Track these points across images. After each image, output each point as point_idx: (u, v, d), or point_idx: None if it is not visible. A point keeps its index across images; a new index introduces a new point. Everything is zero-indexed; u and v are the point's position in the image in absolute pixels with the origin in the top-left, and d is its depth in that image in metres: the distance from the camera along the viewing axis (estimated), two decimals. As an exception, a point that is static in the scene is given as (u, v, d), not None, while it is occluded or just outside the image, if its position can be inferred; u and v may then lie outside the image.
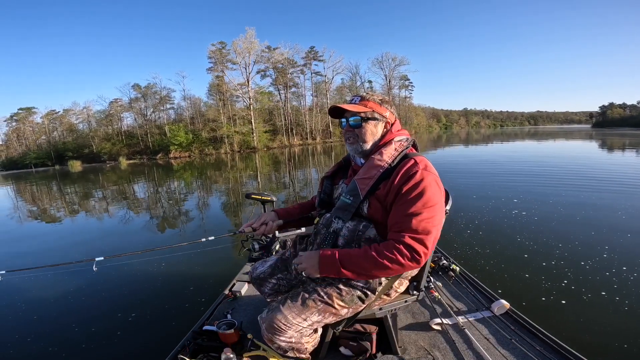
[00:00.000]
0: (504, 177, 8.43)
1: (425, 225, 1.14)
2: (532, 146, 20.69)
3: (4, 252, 5.34)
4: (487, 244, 3.76)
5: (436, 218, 1.17)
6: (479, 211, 5.11)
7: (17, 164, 54.89)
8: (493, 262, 3.33)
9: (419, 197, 1.16)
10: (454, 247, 3.71)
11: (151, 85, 50.93)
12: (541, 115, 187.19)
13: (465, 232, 4.24)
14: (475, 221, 4.63)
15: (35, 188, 17.48)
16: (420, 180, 1.18)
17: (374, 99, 1.35)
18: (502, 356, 1.59)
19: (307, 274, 1.27)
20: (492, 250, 3.61)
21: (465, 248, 3.70)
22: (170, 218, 7.08)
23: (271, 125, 48.43)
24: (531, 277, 2.97)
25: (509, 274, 3.05)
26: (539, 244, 3.71)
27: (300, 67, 52.44)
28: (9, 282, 3.74)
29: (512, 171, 9.51)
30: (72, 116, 56.82)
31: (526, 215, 4.78)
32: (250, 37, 44.21)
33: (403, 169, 1.22)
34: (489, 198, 5.98)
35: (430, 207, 1.16)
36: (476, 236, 4.06)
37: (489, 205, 5.48)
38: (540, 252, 3.49)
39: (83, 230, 6.59)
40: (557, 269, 3.10)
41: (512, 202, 5.61)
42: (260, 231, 1.51)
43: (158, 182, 15.35)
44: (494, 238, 3.98)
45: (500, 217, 4.78)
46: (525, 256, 3.41)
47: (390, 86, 59.40)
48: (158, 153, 45.32)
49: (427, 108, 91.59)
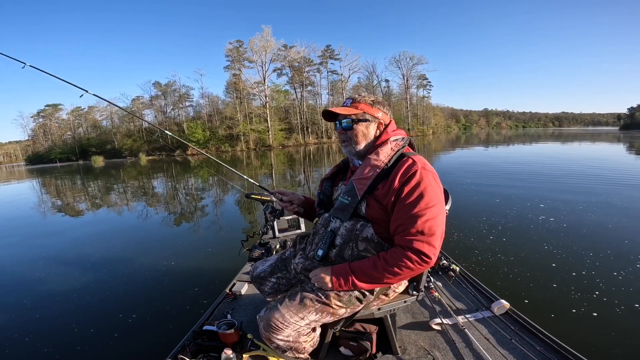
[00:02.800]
0: (528, 181, 8.08)
1: (431, 226, 1.15)
2: (557, 148, 19.85)
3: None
4: (510, 252, 3.56)
5: (440, 217, 1.18)
6: (503, 216, 4.89)
7: (43, 158, 57.47)
8: (517, 270, 3.14)
9: (421, 197, 1.17)
10: (474, 254, 3.54)
11: (171, 83, 52.23)
12: (566, 117, 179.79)
13: (487, 237, 4.03)
14: (499, 226, 4.41)
15: (60, 182, 18.17)
16: (420, 180, 1.19)
17: (365, 101, 1.37)
18: (502, 356, 1.58)
19: (321, 287, 1.29)
20: (515, 258, 3.41)
21: (486, 255, 3.52)
22: (186, 213, 7.15)
23: (287, 124, 48.67)
24: (559, 287, 2.81)
25: (535, 284, 2.87)
26: (568, 252, 3.49)
27: (316, 66, 52.46)
28: (10, 282, 3.82)
29: (536, 174, 9.11)
30: (97, 113, 58.99)
31: (554, 221, 4.51)
32: (266, 35, 44.55)
33: (402, 169, 1.22)
34: (514, 202, 5.71)
35: (432, 207, 1.17)
36: (499, 242, 3.86)
37: (514, 210, 5.23)
38: (569, 261, 3.30)
39: (103, 223, 6.76)
40: (587, 279, 2.92)
41: (539, 207, 5.33)
42: (285, 205, 1.60)
43: (176, 178, 15.66)
44: (520, 245, 3.76)
45: (527, 223, 4.53)
46: (553, 265, 3.21)
47: (407, 85, 58.48)
48: (176, 150, 46.34)
49: (446, 108, 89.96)
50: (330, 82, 54.02)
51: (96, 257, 4.46)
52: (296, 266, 1.50)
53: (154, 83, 52.25)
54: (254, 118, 46.22)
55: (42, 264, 4.31)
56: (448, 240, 3.95)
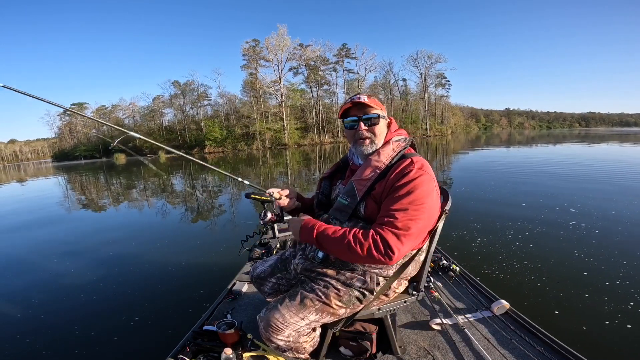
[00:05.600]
0: (556, 184, 7.71)
1: (407, 223, 1.12)
2: (584, 150, 18.95)
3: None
4: (538, 259, 3.36)
5: (421, 217, 1.15)
6: (530, 221, 4.64)
7: (68, 155, 59.94)
8: (546, 277, 2.96)
9: (408, 194, 1.15)
10: (498, 260, 3.37)
11: (189, 82, 53.34)
12: (593, 117, 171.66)
13: (513, 243, 3.84)
14: (526, 232, 4.19)
15: (85, 179, 18.86)
16: (412, 178, 1.17)
17: (377, 98, 1.34)
18: (502, 356, 1.58)
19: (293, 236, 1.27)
20: (543, 266, 3.21)
21: (511, 261, 3.34)
22: (187, 213, 7.22)
23: (302, 123, 48.81)
24: (592, 297, 2.63)
25: (567, 295, 2.68)
26: (600, 260, 3.27)
27: (332, 65, 52.37)
28: (14, 280, 3.88)
29: (564, 177, 8.67)
30: (120, 111, 60.97)
31: (585, 227, 4.26)
32: (282, 34, 44.78)
33: (398, 168, 1.22)
34: (541, 206, 5.42)
35: (417, 206, 1.14)
36: (525, 249, 3.66)
37: (542, 214, 4.97)
38: (602, 269, 3.09)
39: (103, 221, 6.91)
40: (622, 289, 2.73)
41: (569, 211, 5.05)
42: (281, 201, 1.52)
43: (193, 176, 15.93)
44: (548, 252, 3.55)
45: (556, 229, 4.28)
46: (585, 274, 3.02)
47: (425, 84, 57.46)
48: (194, 148, 47.35)
49: (465, 107, 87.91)
50: (346, 81, 53.81)
51: (96, 256, 4.50)
52: (296, 266, 1.50)
53: (173, 82, 53.57)
54: (270, 117, 46.58)
55: (57, 260, 4.43)
56: (449, 240, 3.98)
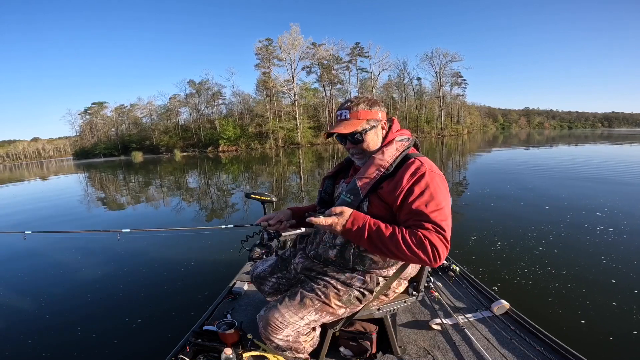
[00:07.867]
0: (580, 187, 7.41)
1: (446, 226, 1.14)
2: (607, 150, 18.17)
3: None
4: (563, 266, 3.20)
5: (449, 217, 1.18)
6: (554, 225, 4.44)
7: (88, 153, 61.94)
8: (571, 285, 2.81)
9: (432, 198, 1.16)
10: (520, 266, 3.23)
11: (204, 82, 54.11)
12: (616, 117, 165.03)
13: (536, 248, 3.67)
14: (550, 237, 4.01)
15: (104, 176, 19.39)
16: (429, 181, 1.18)
17: (363, 106, 1.31)
18: (502, 356, 1.59)
19: (331, 229, 1.19)
20: (569, 273, 3.05)
21: (534, 267, 3.19)
22: (187, 213, 7.27)
23: (315, 122, 48.81)
24: (620, 306, 2.49)
25: (593, 304, 2.53)
26: (629, 267, 3.09)
27: (345, 64, 52.08)
28: (17, 280, 3.83)
29: (587, 179, 8.31)
30: (138, 110, 62.53)
31: (613, 232, 4.04)
32: (294, 33, 44.81)
33: (410, 169, 1.21)
34: (566, 210, 5.19)
35: (442, 209, 1.16)
36: (550, 254, 3.50)
37: (567, 218, 4.75)
38: (630, 277, 2.92)
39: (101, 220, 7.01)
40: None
41: (595, 215, 4.82)
42: (274, 228, 1.48)
43: (208, 175, 16.14)
44: (574, 259, 3.38)
45: (582, 234, 4.08)
46: (612, 281, 2.85)
47: (441, 83, 56.46)
48: (209, 146, 48.08)
49: (482, 107, 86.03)
50: (359, 80, 53.46)
51: (98, 254, 4.52)
52: (296, 266, 1.51)
53: (188, 82, 54.50)
54: (283, 116, 46.76)
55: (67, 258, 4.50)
56: (467, 244, 3.95)
